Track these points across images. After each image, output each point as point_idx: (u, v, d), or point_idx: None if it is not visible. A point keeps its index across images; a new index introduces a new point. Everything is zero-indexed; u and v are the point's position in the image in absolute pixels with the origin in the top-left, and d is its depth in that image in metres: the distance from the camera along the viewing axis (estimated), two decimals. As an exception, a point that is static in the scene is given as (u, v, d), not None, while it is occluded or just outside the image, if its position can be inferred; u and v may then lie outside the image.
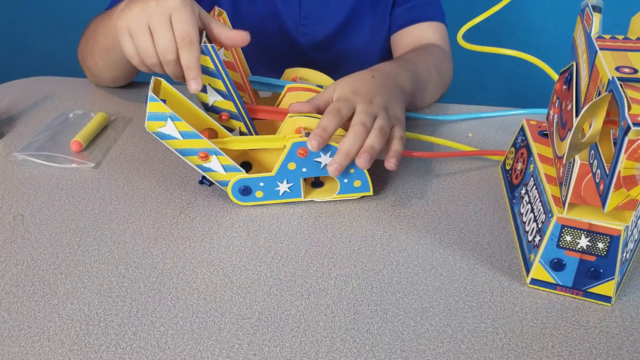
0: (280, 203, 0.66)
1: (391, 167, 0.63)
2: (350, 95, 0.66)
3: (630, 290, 0.55)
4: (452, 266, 0.58)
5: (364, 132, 0.62)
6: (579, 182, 0.49)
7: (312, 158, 0.62)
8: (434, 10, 1.01)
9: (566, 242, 0.52)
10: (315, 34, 1.04)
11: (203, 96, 0.65)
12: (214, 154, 0.61)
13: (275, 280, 0.56)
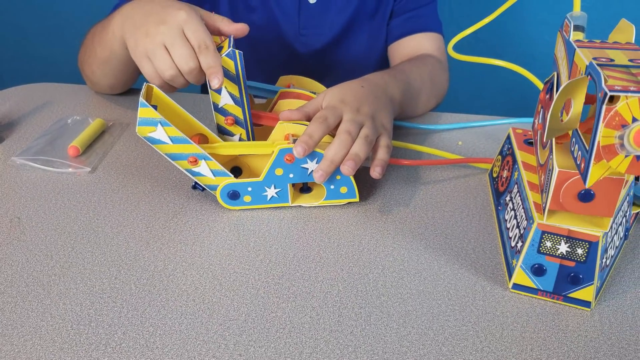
0: (270, 208, 0.67)
1: (376, 175, 0.65)
2: (338, 104, 0.67)
3: (610, 296, 0.56)
4: (436, 271, 0.59)
5: (349, 140, 0.63)
6: (558, 189, 0.50)
7: (298, 164, 0.64)
8: (430, 21, 1.03)
9: (546, 248, 0.53)
10: (314, 44, 1.06)
11: (215, 96, 0.67)
12: (203, 158, 0.63)
13: (262, 283, 0.57)
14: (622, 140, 0.42)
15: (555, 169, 0.50)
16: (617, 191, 0.48)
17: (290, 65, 1.08)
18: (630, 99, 0.41)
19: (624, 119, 0.42)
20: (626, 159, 0.43)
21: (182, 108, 0.66)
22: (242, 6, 1.02)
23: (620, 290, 0.56)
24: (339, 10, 1.03)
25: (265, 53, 1.07)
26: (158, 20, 0.66)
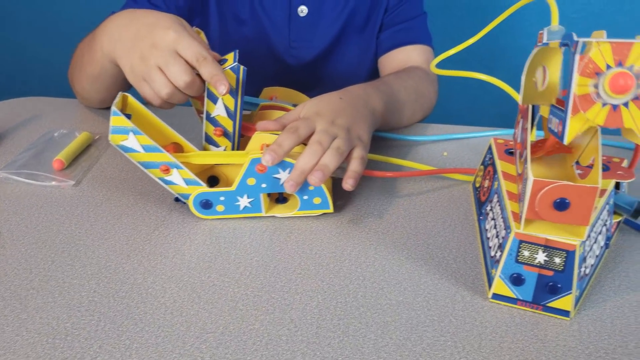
0: (250, 219, 0.67)
1: (347, 187, 0.65)
2: (313, 115, 0.68)
3: (590, 305, 0.55)
4: (417, 281, 0.59)
5: (319, 150, 0.64)
6: (533, 198, 0.50)
7: (271, 174, 0.64)
8: (419, 34, 1.04)
9: (524, 257, 0.53)
10: (305, 56, 1.06)
11: (210, 105, 0.67)
12: (175, 167, 0.63)
13: (242, 295, 0.57)
14: (597, 89, 0.42)
15: (530, 177, 0.49)
16: (592, 200, 0.48)
17: (281, 77, 1.08)
18: (602, 45, 0.41)
19: (598, 67, 0.42)
20: (603, 110, 0.42)
21: (158, 117, 0.66)
22: (232, 19, 1.03)
23: (601, 299, 0.56)
24: (329, 22, 1.04)
25: (255, 65, 1.07)
26: (149, 44, 0.66)
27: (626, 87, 0.41)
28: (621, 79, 0.41)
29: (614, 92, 0.41)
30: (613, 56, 0.42)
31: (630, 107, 0.42)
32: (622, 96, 0.42)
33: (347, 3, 1.02)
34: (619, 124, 0.43)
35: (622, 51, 0.42)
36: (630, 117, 0.42)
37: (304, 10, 1.01)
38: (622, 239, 0.65)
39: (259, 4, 1.01)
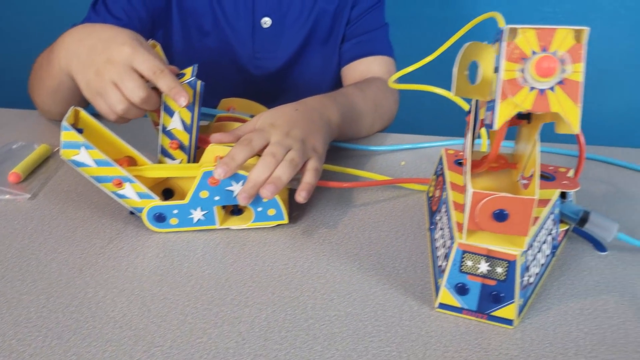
0: (206, 232, 0.68)
1: (300, 199, 0.65)
2: (268, 127, 0.68)
3: (534, 313, 0.56)
4: (366, 291, 0.59)
5: (272, 162, 0.64)
6: (473, 209, 0.51)
7: (223, 187, 0.64)
8: (380, 45, 1.05)
9: (468, 267, 0.54)
10: (268, 66, 1.07)
11: (166, 118, 0.67)
12: (127, 181, 0.64)
13: (191, 308, 0.57)
14: (523, 74, 0.43)
15: (469, 189, 0.50)
16: (529, 211, 0.49)
17: (245, 87, 1.09)
18: (527, 32, 0.43)
19: (523, 52, 0.43)
20: (530, 94, 0.44)
21: (111, 131, 0.66)
22: (195, 31, 1.03)
23: (545, 307, 0.57)
24: (292, 34, 1.04)
25: (219, 76, 1.08)
26: (105, 59, 0.67)
27: (550, 70, 0.42)
28: (545, 62, 0.42)
29: (539, 76, 0.43)
30: (538, 42, 0.43)
31: (557, 91, 0.44)
32: (548, 79, 0.43)
33: (310, 14, 1.03)
34: (546, 107, 0.44)
35: (546, 37, 0.43)
36: (556, 101, 0.44)
37: (268, 22, 1.02)
38: (570, 247, 0.66)
39: (222, 16, 1.01)
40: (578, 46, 0.43)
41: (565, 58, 0.43)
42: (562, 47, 0.43)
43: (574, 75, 0.44)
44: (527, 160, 0.55)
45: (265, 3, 1.00)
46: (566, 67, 0.43)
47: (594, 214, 0.62)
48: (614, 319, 0.56)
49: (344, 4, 1.04)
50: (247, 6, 1.00)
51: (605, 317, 0.56)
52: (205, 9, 1.00)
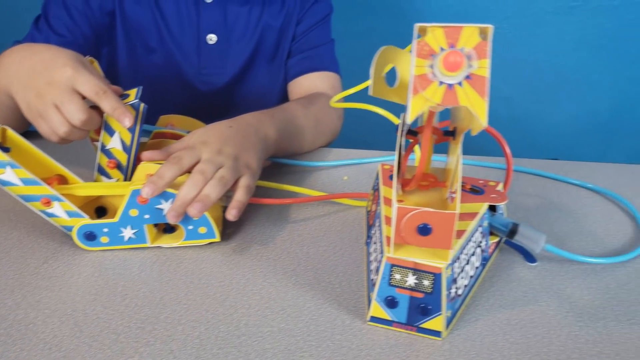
0: (142, 250, 0.68)
1: (230, 217, 0.66)
2: (199, 144, 0.68)
3: (463, 325, 0.58)
4: (300, 307, 0.60)
5: (201, 180, 0.64)
6: (399, 224, 0.52)
7: (153, 205, 0.64)
8: (325, 61, 1.06)
9: (396, 280, 0.55)
10: (215, 82, 1.07)
11: (106, 136, 0.67)
12: (56, 200, 0.63)
13: (124, 327, 0.57)
14: (433, 69, 0.45)
15: (394, 204, 0.51)
16: (451, 225, 0.51)
17: (193, 103, 1.09)
18: (435, 30, 0.44)
19: (432, 49, 0.45)
20: (440, 89, 0.45)
21: (41, 150, 0.66)
22: (141, 47, 1.03)
23: (474, 318, 0.59)
24: (238, 50, 1.05)
25: (166, 92, 1.08)
26: (46, 81, 0.66)
27: (456, 64, 0.44)
28: (452, 56, 0.44)
29: (447, 70, 0.44)
30: (446, 39, 0.45)
31: (464, 86, 0.45)
32: (455, 74, 0.45)
33: (255, 31, 1.04)
34: (455, 101, 0.46)
35: (454, 35, 0.45)
36: (464, 95, 0.45)
37: (213, 38, 1.03)
38: (502, 258, 0.67)
39: (167, 33, 1.01)
40: (483, 43, 0.45)
41: (472, 54, 0.45)
42: (468, 44, 0.45)
43: (480, 71, 0.45)
44: (452, 176, 0.56)
45: (210, 20, 1.01)
46: (472, 63, 0.45)
47: (523, 226, 0.64)
48: (539, 328, 0.57)
49: (289, 20, 1.05)
50: (192, 23, 1.00)
51: (530, 327, 0.57)
52: (150, 26, 1.00)
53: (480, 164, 0.89)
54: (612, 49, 1.64)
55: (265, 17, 1.03)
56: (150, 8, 0.99)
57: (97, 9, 0.96)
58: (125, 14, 0.99)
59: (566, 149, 1.84)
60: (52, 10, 0.95)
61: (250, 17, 1.03)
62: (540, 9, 1.62)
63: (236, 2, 1.01)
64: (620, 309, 0.60)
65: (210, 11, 1.00)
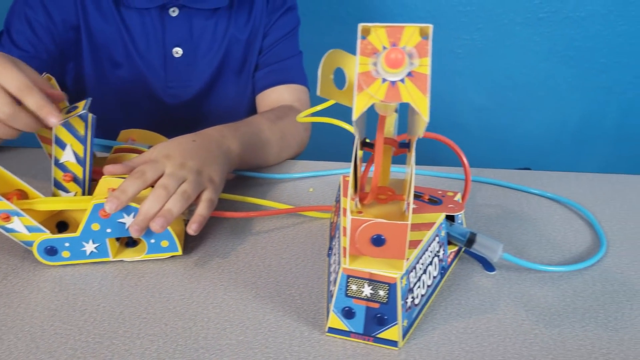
0: (101, 264, 0.67)
1: (191, 232, 0.66)
2: (161, 158, 0.69)
3: (420, 334, 0.58)
4: (260, 319, 0.60)
5: (164, 195, 0.65)
6: (353, 235, 0.52)
7: (115, 219, 0.64)
8: (292, 74, 1.07)
9: (353, 291, 0.55)
10: (182, 95, 1.07)
11: (58, 150, 0.67)
12: (16, 215, 0.63)
13: (82, 342, 0.57)
14: (376, 66, 0.45)
15: (348, 216, 0.52)
16: (404, 235, 0.51)
17: (160, 117, 1.09)
18: (378, 29, 0.46)
19: (375, 47, 0.46)
20: (383, 86, 0.46)
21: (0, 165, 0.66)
22: (107, 62, 1.03)
23: (431, 327, 0.59)
24: (205, 63, 1.05)
25: (134, 106, 1.08)
26: None
27: (398, 61, 0.45)
28: (393, 53, 0.45)
29: (389, 67, 0.45)
30: (388, 38, 0.46)
31: (407, 83, 0.46)
32: (397, 71, 0.46)
33: (222, 44, 1.04)
34: (398, 98, 0.46)
35: (395, 34, 0.46)
36: (407, 92, 0.46)
37: (179, 52, 1.03)
38: (461, 267, 0.68)
39: (133, 47, 1.01)
40: (424, 42, 0.46)
41: (413, 53, 0.46)
42: (409, 43, 0.46)
43: (421, 69, 0.46)
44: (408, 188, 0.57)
45: (176, 33, 1.01)
46: (414, 61, 0.46)
47: (480, 235, 0.65)
48: (495, 336, 0.58)
49: (255, 33, 1.06)
50: (158, 37, 1.01)
51: (486, 335, 0.58)
52: (116, 40, 1.00)
53: (445, 175, 0.90)
54: (580, 59, 1.67)
55: (231, 30, 1.04)
56: (115, 22, 0.99)
57: (60, 23, 0.96)
58: (91, 29, 0.99)
59: (539, 158, 1.86)
60: (14, 26, 0.95)
61: (216, 30, 1.03)
62: (510, 20, 1.64)
63: (202, 16, 1.02)
64: (575, 316, 0.61)
65: (175, 24, 1.00)
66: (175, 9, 0.99)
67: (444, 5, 1.61)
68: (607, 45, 1.65)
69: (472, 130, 1.81)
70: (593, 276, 0.67)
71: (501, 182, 0.87)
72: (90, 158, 0.68)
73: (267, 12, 1.06)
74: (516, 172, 0.91)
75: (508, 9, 1.62)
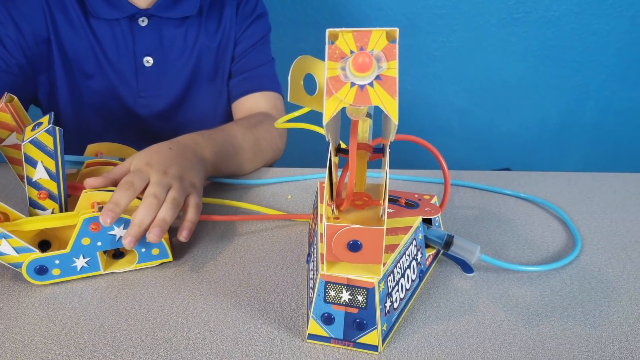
0: (85, 278, 0.67)
1: (182, 239, 0.67)
2: (144, 167, 0.69)
3: (400, 338, 0.59)
4: (240, 328, 0.60)
5: (155, 204, 0.65)
6: (329, 241, 0.53)
7: (105, 231, 0.64)
8: (265, 81, 1.07)
9: (331, 297, 0.56)
10: (154, 106, 1.07)
11: (30, 169, 0.66)
12: (3, 237, 0.62)
13: (63, 356, 0.57)
14: (344, 71, 0.46)
15: (324, 222, 0.52)
16: (380, 240, 0.52)
17: (134, 128, 1.09)
18: (345, 34, 0.46)
19: (343, 52, 0.46)
20: (352, 90, 0.46)
21: None
22: (79, 74, 1.03)
23: (411, 330, 0.60)
24: (176, 72, 1.05)
25: (107, 117, 1.07)
26: None
27: (365, 65, 0.45)
28: (360, 57, 0.45)
29: (357, 71, 0.46)
30: (355, 43, 0.47)
31: (375, 86, 0.47)
32: (365, 75, 0.46)
33: (193, 52, 1.04)
34: (367, 101, 0.47)
35: (363, 38, 0.47)
36: (376, 96, 0.47)
37: (150, 61, 1.03)
38: (439, 270, 0.69)
39: (104, 58, 1.01)
40: (391, 46, 0.46)
41: (380, 56, 0.46)
42: (377, 47, 0.46)
43: (389, 72, 0.47)
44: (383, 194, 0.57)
45: (146, 42, 1.01)
46: (382, 65, 0.46)
47: (457, 238, 0.65)
48: (474, 338, 0.59)
49: (226, 40, 1.06)
50: (128, 47, 1.00)
51: (466, 337, 0.59)
52: (87, 52, 1.00)
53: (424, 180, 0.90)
54: (556, 58, 1.69)
55: (201, 38, 1.04)
56: (85, 34, 0.99)
57: (31, 37, 0.96)
58: (61, 41, 0.98)
59: (520, 158, 1.88)
60: None
61: (186, 38, 1.03)
62: (485, 21, 1.66)
63: (171, 24, 1.02)
64: (553, 315, 0.62)
65: (145, 34, 1.01)
66: (145, 19, 1.00)
67: (420, 8, 1.63)
68: (582, 44, 1.67)
69: (453, 131, 1.82)
70: (570, 275, 0.68)
71: (477, 185, 0.88)
72: (63, 172, 0.67)
73: (237, 20, 1.06)
74: (494, 173, 0.92)
75: (483, 11, 1.63)
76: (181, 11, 1.00)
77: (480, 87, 1.76)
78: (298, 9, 1.62)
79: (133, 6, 0.98)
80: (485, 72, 1.74)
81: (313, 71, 0.52)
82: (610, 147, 1.86)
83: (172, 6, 1.00)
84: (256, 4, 1.08)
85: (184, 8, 1.00)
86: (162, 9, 0.99)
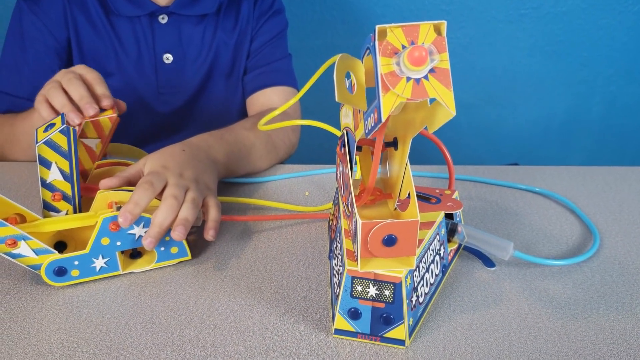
0: (103, 279, 0.67)
1: (210, 238, 0.67)
2: (161, 169, 0.69)
3: (426, 332, 0.59)
4: (266, 324, 0.60)
5: (175, 204, 0.65)
6: (365, 239, 0.52)
7: (125, 231, 0.64)
8: (281, 76, 1.08)
9: (358, 292, 0.56)
10: (174, 102, 1.08)
11: (44, 171, 0.66)
12: (22, 239, 0.62)
13: (90, 354, 0.57)
14: (399, 66, 0.46)
15: (358, 221, 0.52)
16: (415, 231, 0.52)
17: (152, 123, 1.10)
18: (394, 30, 0.46)
19: (395, 47, 0.46)
20: (408, 84, 0.46)
21: None
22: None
23: (436, 325, 0.60)
24: (195, 68, 1.06)
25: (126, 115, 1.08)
26: None
27: (422, 58, 0.45)
28: (416, 51, 0.45)
29: (413, 65, 0.45)
30: (405, 37, 0.46)
31: (430, 79, 0.47)
32: (420, 68, 0.46)
33: (211, 48, 1.05)
34: (424, 94, 0.47)
35: (412, 33, 0.46)
36: (432, 88, 0.47)
37: (170, 58, 1.03)
38: (461, 264, 0.69)
39: (124, 55, 1.02)
40: (440, 38, 0.46)
41: (432, 49, 0.46)
42: (427, 40, 0.46)
43: (442, 64, 0.47)
44: (400, 186, 0.57)
45: (166, 40, 1.02)
46: (434, 57, 0.46)
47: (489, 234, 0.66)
48: (500, 331, 0.59)
49: (243, 37, 1.07)
50: (148, 44, 1.01)
51: (492, 331, 0.59)
52: (107, 51, 1.01)
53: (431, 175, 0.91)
54: (562, 54, 1.69)
55: (219, 34, 1.05)
56: (106, 32, 1.00)
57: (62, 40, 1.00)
58: (81, 41, 1.00)
59: (527, 153, 1.88)
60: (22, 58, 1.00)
61: (204, 35, 1.04)
62: (492, 17, 1.66)
63: (190, 22, 1.03)
64: (577, 308, 0.62)
65: (165, 31, 1.02)
66: (165, 16, 1.01)
67: (427, 4, 1.63)
68: (589, 39, 1.67)
69: (461, 127, 1.82)
70: (591, 268, 0.68)
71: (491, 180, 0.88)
72: (77, 173, 0.67)
73: (254, 17, 1.07)
74: (506, 168, 0.92)
75: (490, 7, 1.63)
76: (200, 9, 1.02)
77: (487, 83, 1.76)
78: (307, 7, 1.62)
79: (153, 3, 0.99)
80: (492, 68, 1.74)
81: (352, 69, 0.52)
82: (616, 142, 1.87)
83: (191, 4, 1.01)
84: (273, 1, 1.09)
85: (203, 5, 1.02)
86: (182, 7, 1.00)
